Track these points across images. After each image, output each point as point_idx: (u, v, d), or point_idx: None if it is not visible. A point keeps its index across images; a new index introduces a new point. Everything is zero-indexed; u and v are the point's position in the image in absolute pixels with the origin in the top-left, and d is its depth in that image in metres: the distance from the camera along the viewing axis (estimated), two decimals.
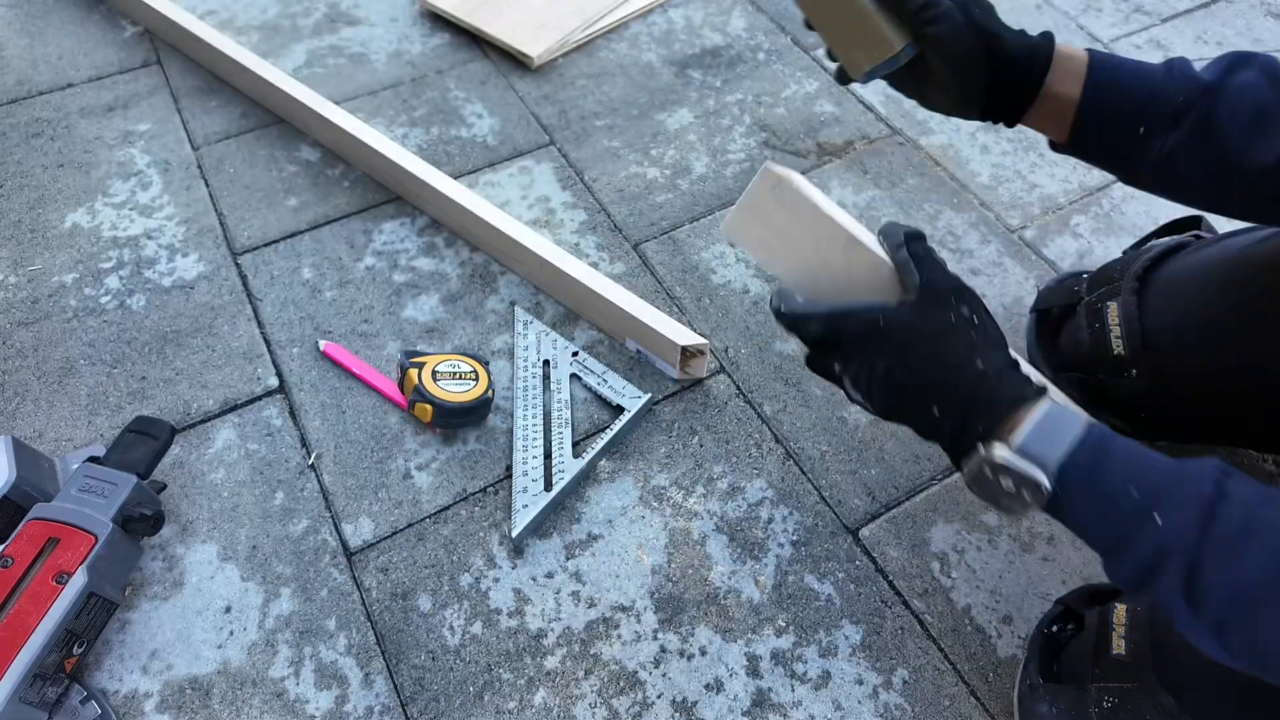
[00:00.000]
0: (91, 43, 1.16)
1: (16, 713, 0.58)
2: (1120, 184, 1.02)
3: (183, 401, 0.82)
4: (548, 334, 0.86)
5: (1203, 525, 0.41)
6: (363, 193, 1.00)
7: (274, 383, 0.84)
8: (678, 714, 0.66)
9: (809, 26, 0.67)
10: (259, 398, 0.83)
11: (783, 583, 0.72)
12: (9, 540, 0.64)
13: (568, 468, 0.76)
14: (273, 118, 1.07)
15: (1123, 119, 0.59)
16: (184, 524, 0.74)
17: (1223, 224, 0.73)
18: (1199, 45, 1.21)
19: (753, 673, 0.68)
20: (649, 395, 0.81)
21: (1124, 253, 0.83)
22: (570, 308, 0.89)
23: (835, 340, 0.51)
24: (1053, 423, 0.44)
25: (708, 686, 0.67)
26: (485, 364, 0.81)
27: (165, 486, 0.74)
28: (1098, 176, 1.04)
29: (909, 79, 0.64)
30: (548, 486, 0.75)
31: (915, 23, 0.58)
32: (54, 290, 0.90)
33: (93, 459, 0.71)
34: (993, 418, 0.46)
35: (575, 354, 0.85)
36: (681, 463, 0.79)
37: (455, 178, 0.98)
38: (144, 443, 0.72)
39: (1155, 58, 0.65)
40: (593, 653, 0.68)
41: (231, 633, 0.69)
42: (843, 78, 0.66)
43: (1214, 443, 0.78)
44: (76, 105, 1.08)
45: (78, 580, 0.62)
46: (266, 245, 0.95)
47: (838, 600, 0.72)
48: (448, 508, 0.76)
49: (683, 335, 0.80)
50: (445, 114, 1.09)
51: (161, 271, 0.92)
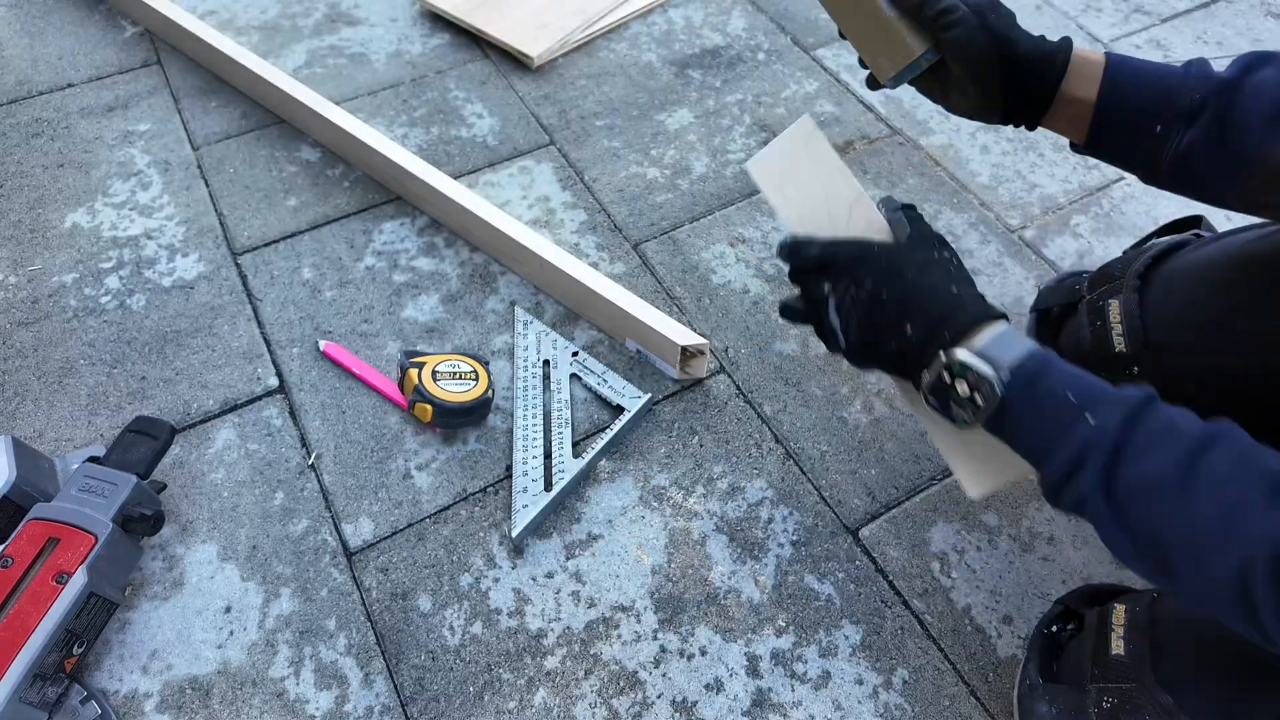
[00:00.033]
0: (91, 43, 1.16)
1: (16, 712, 0.58)
2: (1120, 184, 1.03)
3: (183, 401, 0.82)
4: (548, 334, 0.86)
5: (1127, 425, 0.45)
6: (363, 193, 1.00)
7: (274, 383, 0.84)
8: (678, 714, 0.66)
9: (842, 36, 0.70)
10: (259, 398, 0.83)
11: (783, 583, 0.72)
12: (9, 540, 0.64)
13: (568, 468, 0.76)
14: (273, 118, 1.07)
15: (1139, 118, 0.60)
16: (184, 524, 0.74)
17: (1223, 223, 0.73)
18: (1199, 45, 1.21)
19: (753, 673, 0.68)
20: (649, 395, 0.81)
21: (1124, 252, 0.83)
22: (570, 308, 0.89)
23: (831, 260, 0.56)
24: (1009, 337, 0.50)
25: (708, 686, 0.67)
26: (485, 364, 0.81)
27: (165, 486, 0.74)
28: (1098, 176, 1.04)
29: (933, 83, 0.67)
30: (548, 486, 0.75)
31: (933, 28, 0.61)
32: (54, 290, 0.90)
33: (93, 459, 0.71)
34: (959, 327, 0.51)
35: (575, 354, 0.85)
36: (681, 463, 0.79)
37: (455, 178, 0.98)
38: (144, 443, 0.72)
39: (1155, 58, 0.66)
40: (593, 653, 0.68)
41: (231, 633, 0.69)
42: (872, 84, 0.70)
43: None
44: (76, 105, 1.08)
45: (78, 580, 0.62)
46: (266, 245, 0.95)
47: (838, 600, 0.72)
48: (448, 508, 0.76)
49: (683, 335, 0.80)
50: (445, 114, 1.09)
51: (161, 271, 0.92)
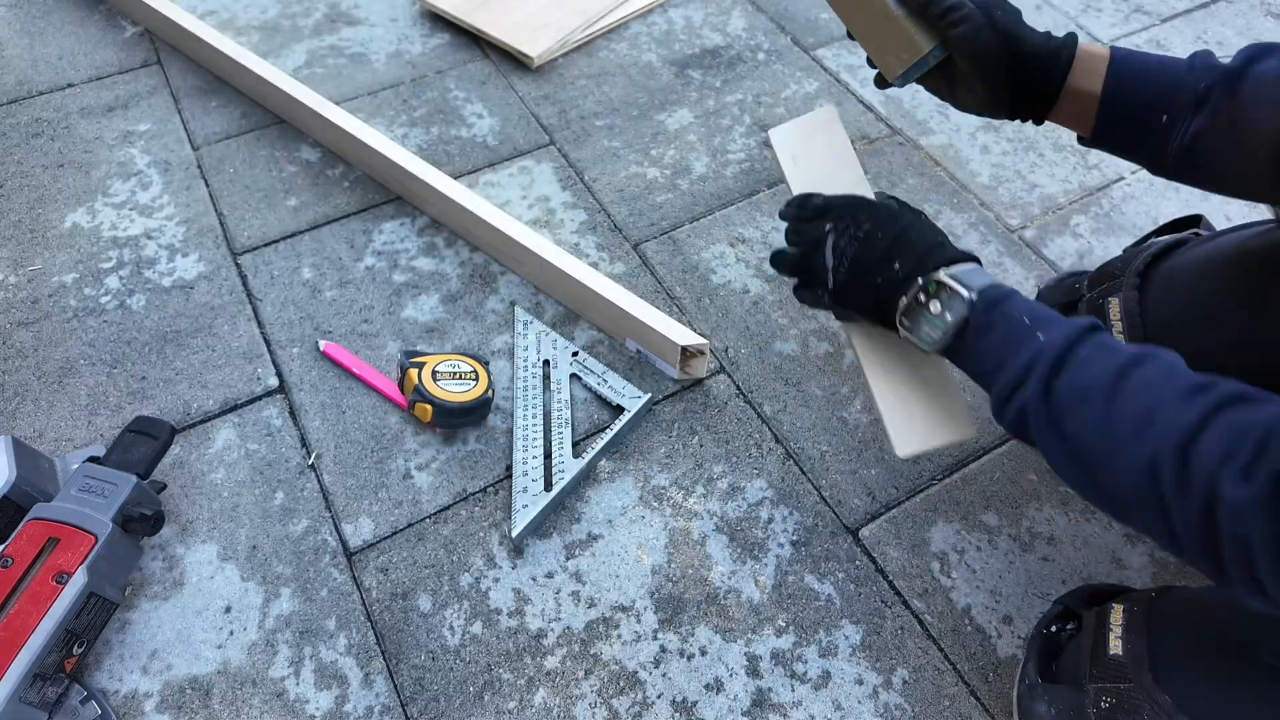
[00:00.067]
0: (91, 43, 1.16)
1: (16, 712, 0.58)
2: (1120, 185, 1.03)
3: (183, 401, 0.82)
4: (548, 334, 0.86)
5: (1071, 343, 0.51)
6: (363, 193, 1.00)
7: (274, 383, 0.84)
8: (678, 714, 0.66)
9: (850, 37, 0.71)
10: (259, 398, 0.83)
11: (783, 583, 0.72)
12: (9, 540, 0.64)
13: (568, 468, 0.76)
14: (273, 118, 1.07)
15: (1145, 109, 0.61)
16: (184, 524, 0.74)
17: (1221, 222, 0.73)
18: (1199, 45, 1.21)
19: (753, 673, 0.68)
20: (649, 395, 0.81)
21: (1124, 251, 0.83)
22: (570, 308, 0.89)
23: (834, 205, 0.64)
24: (980, 271, 0.58)
25: (708, 686, 0.67)
26: (485, 364, 0.81)
27: (165, 486, 0.74)
28: (1097, 177, 1.04)
29: (940, 80, 0.68)
30: (548, 486, 0.75)
31: (941, 26, 0.62)
32: (54, 290, 0.90)
33: (93, 459, 0.71)
34: (939, 262, 0.58)
35: (575, 354, 0.85)
36: (681, 463, 0.79)
37: (455, 178, 0.98)
38: (144, 443, 0.72)
39: None
40: (593, 653, 0.68)
41: (231, 633, 0.69)
42: (880, 82, 0.71)
43: None
44: (77, 105, 1.08)
45: (78, 580, 0.62)
46: (266, 245, 0.95)
47: (838, 600, 0.72)
48: (448, 508, 0.76)
49: (683, 335, 0.80)
50: (445, 114, 1.09)
51: (161, 271, 0.92)
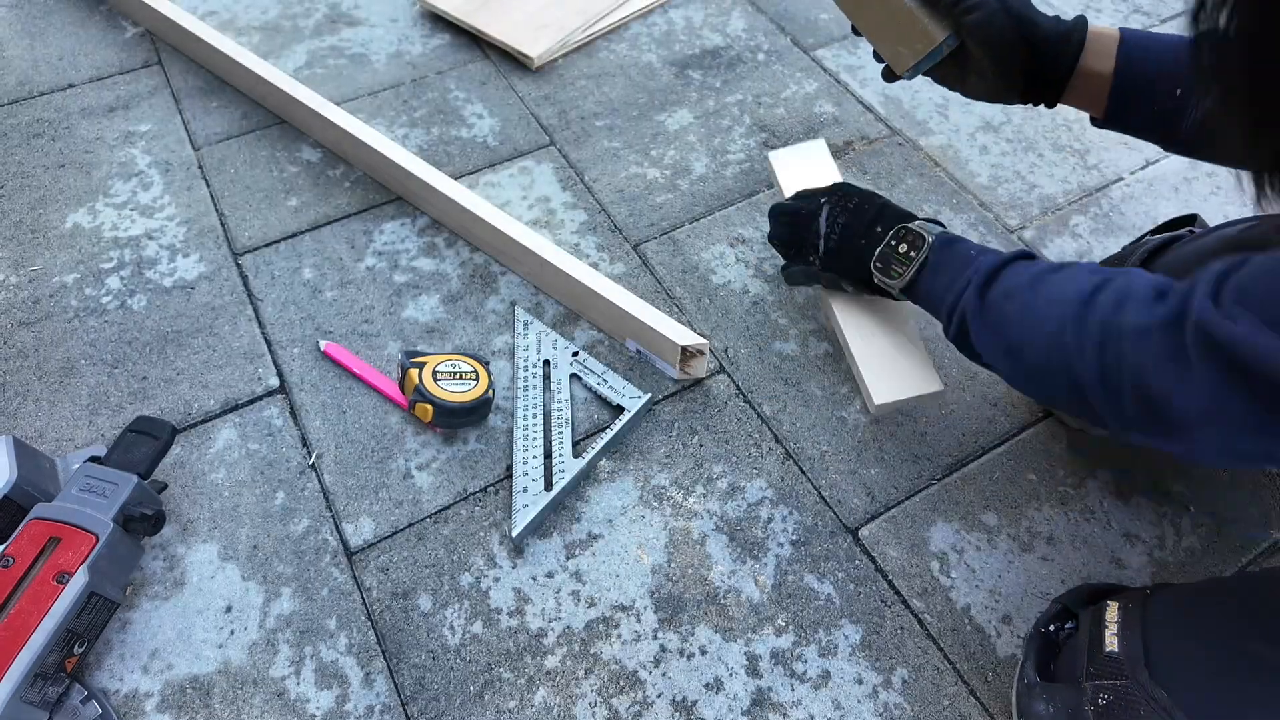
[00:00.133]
0: (92, 43, 1.16)
1: (17, 712, 0.58)
2: (1119, 185, 1.03)
3: (183, 401, 0.82)
4: (548, 334, 0.86)
5: (1005, 260, 0.60)
6: (363, 193, 1.00)
7: (275, 383, 0.84)
8: (677, 713, 0.66)
9: (856, 33, 0.71)
10: (260, 398, 0.83)
11: (782, 582, 0.72)
12: (10, 540, 0.64)
13: (568, 467, 0.77)
14: (273, 118, 1.07)
15: (1157, 85, 0.62)
16: (185, 524, 0.74)
17: (1218, 222, 0.73)
18: None
19: (752, 672, 0.68)
20: (649, 395, 0.82)
21: (1122, 249, 0.83)
22: (570, 308, 0.89)
23: (826, 190, 0.78)
24: (941, 226, 0.70)
25: (707, 686, 0.67)
26: (485, 364, 0.81)
27: (166, 486, 0.74)
28: (1096, 177, 1.05)
29: (950, 70, 0.68)
30: (548, 486, 0.75)
31: (955, 12, 0.63)
32: (55, 290, 0.90)
33: (94, 459, 0.71)
34: (910, 220, 0.71)
35: (575, 354, 0.85)
36: (681, 463, 0.79)
37: (456, 178, 0.98)
38: (145, 442, 0.72)
39: None
40: (593, 652, 0.69)
41: (232, 632, 0.69)
42: (889, 76, 0.72)
43: None
44: (77, 106, 1.08)
45: (79, 580, 0.62)
46: (267, 245, 0.95)
47: (837, 600, 0.72)
48: (448, 507, 0.76)
49: (683, 335, 0.80)
50: (445, 114, 1.09)
51: (162, 272, 0.92)
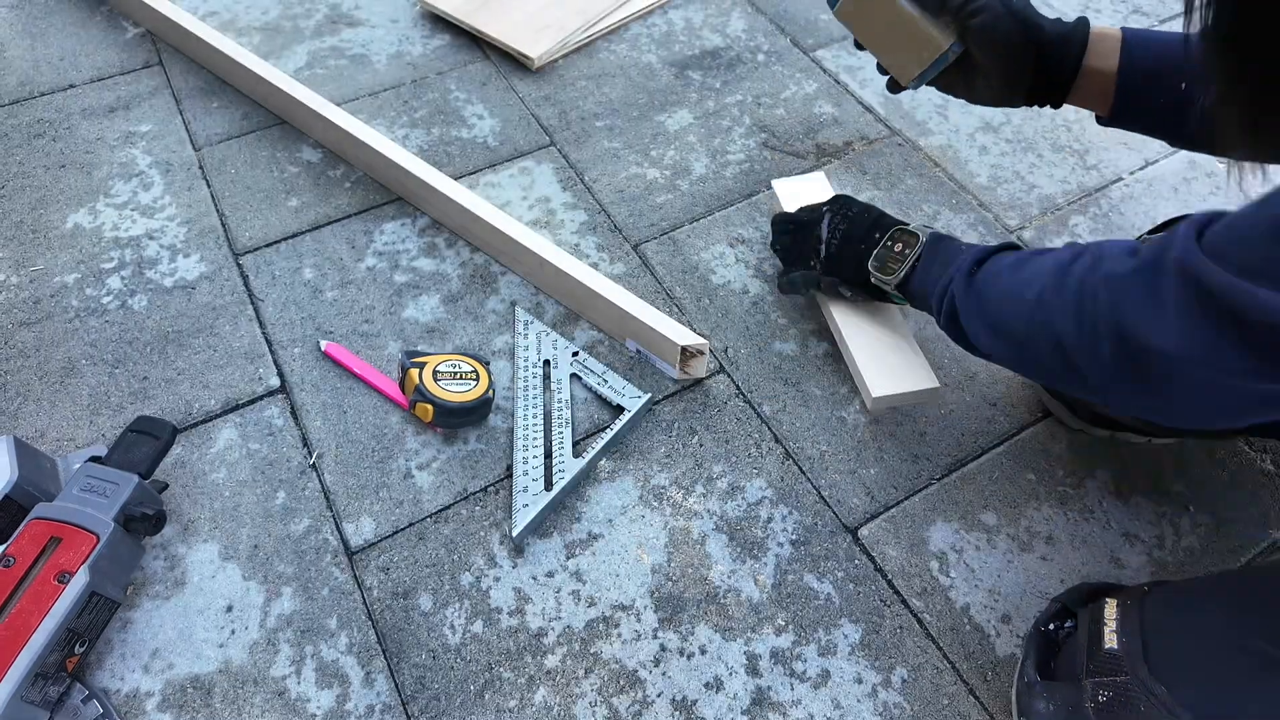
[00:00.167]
0: (93, 44, 1.16)
1: (18, 712, 0.58)
2: (1118, 185, 1.03)
3: (184, 401, 0.82)
4: (548, 334, 0.86)
5: (991, 250, 0.64)
6: (364, 193, 1.00)
7: (275, 383, 0.84)
8: (677, 713, 0.66)
9: (859, 47, 0.72)
10: (260, 398, 0.83)
11: (782, 582, 0.73)
12: (11, 540, 0.64)
13: (568, 467, 0.77)
14: (274, 119, 1.08)
15: (1163, 78, 0.62)
16: (185, 523, 0.75)
17: None
18: None
19: (752, 671, 0.68)
20: (649, 395, 0.82)
21: None
22: (570, 308, 0.90)
23: (827, 202, 0.82)
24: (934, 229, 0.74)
25: (707, 685, 0.67)
26: (486, 364, 0.81)
27: (167, 486, 0.74)
28: (1096, 177, 1.05)
29: (955, 78, 0.69)
30: (548, 486, 0.75)
31: (959, 17, 0.64)
32: (56, 290, 0.90)
33: (94, 459, 0.71)
34: (905, 225, 0.74)
35: (575, 354, 0.85)
36: (681, 462, 0.79)
37: (456, 178, 0.98)
38: (146, 442, 0.72)
39: None
40: (593, 651, 0.69)
41: (233, 632, 0.69)
42: (894, 87, 0.74)
43: (1220, 434, 0.79)
44: (78, 106, 1.09)
45: (79, 579, 0.62)
46: (268, 246, 0.95)
47: (837, 599, 0.72)
48: (448, 507, 0.76)
49: (683, 335, 0.80)
50: (446, 115, 1.10)
51: (163, 272, 0.92)
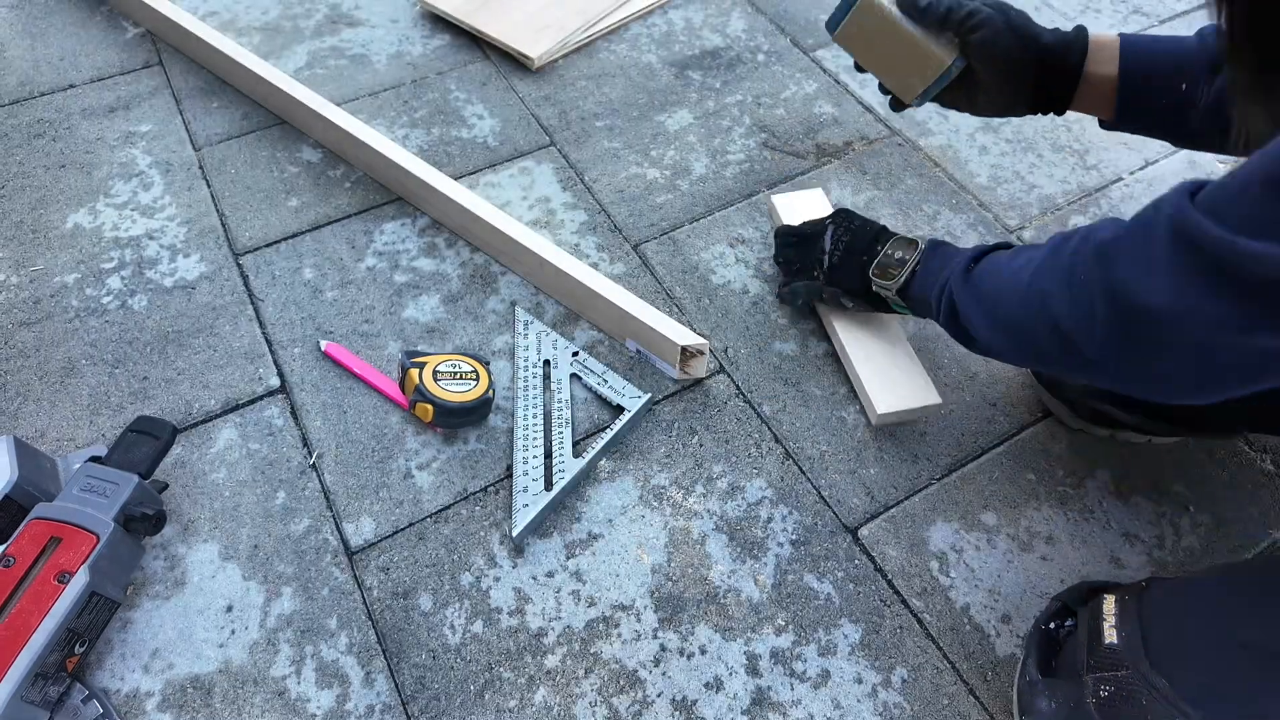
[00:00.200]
0: (93, 44, 1.16)
1: (18, 711, 0.58)
2: (1118, 185, 1.03)
3: (184, 401, 0.82)
4: (548, 334, 0.86)
5: (987, 249, 0.65)
6: (364, 193, 1.00)
7: (275, 383, 0.84)
8: (677, 712, 0.66)
9: (859, 69, 0.72)
10: (260, 398, 0.83)
11: (782, 582, 0.73)
12: (11, 540, 0.64)
13: (568, 467, 0.77)
14: (274, 119, 1.08)
15: (1164, 79, 0.63)
16: (185, 523, 0.75)
17: None
18: None
19: (752, 671, 0.68)
20: (649, 395, 0.82)
21: None
22: (570, 308, 0.90)
23: (830, 215, 0.83)
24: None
25: (707, 685, 0.67)
26: (486, 364, 0.81)
27: (167, 486, 0.74)
28: (1096, 177, 1.05)
29: (958, 93, 0.71)
30: (548, 486, 0.75)
31: (961, 33, 0.65)
32: (56, 290, 0.90)
33: (94, 459, 0.71)
34: (906, 236, 0.76)
35: (575, 354, 0.85)
36: (681, 462, 0.79)
37: (456, 178, 0.98)
38: (146, 442, 0.72)
39: None
40: (593, 651, 0.69)
41: (233, 632, 0.69)
42: (897, 106, 0.75)
43: (1222, 433, 0.79)
44: (78, 106, 1.09)
45: (79, 579, 0.62)
46: (268, 246, 0.95)
47: (837, 599, 0.72)
48: (448, 507, 0.76)
49: (683, 335, 0.80)
50: (446, 115, 1.10)
51: (163, 272, 0.92)
